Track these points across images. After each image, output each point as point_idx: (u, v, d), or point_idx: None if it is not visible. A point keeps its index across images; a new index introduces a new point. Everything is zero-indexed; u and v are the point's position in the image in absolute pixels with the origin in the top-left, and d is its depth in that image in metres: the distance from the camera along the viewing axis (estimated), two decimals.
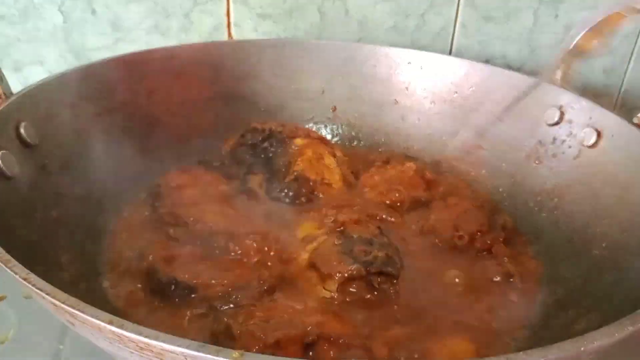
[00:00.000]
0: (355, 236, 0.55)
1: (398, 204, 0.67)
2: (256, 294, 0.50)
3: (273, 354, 0.33)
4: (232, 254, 0.56)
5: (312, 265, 0.53)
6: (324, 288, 0.52)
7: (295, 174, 0.67)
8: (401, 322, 0.49)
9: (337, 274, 0.51)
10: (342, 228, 0.57)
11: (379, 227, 0.58)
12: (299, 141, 0.70)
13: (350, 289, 0.51)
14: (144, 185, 0.67)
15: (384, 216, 0.64)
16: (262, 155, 0.70)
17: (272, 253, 0.56)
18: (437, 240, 0.61)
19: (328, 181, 0.68)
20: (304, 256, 0.55)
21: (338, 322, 0.46)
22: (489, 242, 0.59)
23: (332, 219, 0.60)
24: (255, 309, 0.47)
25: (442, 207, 0.65)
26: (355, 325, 0.48)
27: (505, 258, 0.58)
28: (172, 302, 0.50)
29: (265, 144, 0.70)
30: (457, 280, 0.55)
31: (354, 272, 0.51)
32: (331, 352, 0.43)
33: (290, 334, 0.42)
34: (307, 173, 0.67)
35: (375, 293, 0.51)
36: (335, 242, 0.54)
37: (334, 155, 0.71)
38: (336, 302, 0.51)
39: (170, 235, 0.58)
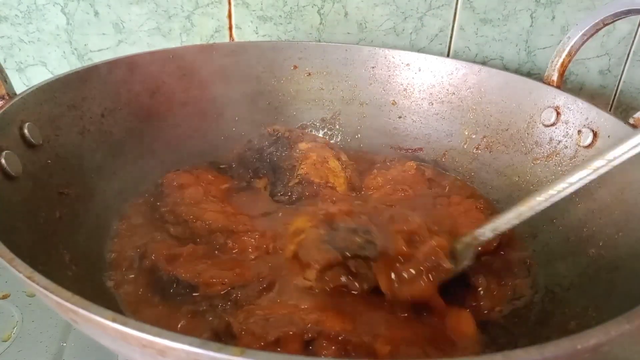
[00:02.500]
0: (341, 226, 0.54)
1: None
2: (256, 292, 0.51)
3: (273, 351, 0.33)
4: (234, 251, 0.56)
5: (295, 256, 0.53)
6: (303, 277, 0.51)
7: (299, 177, 0.67)
8: (400, 320, 0.50)
9: (315, 263, 0.50)
10: (331, 220, 0.56)
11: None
12: (303, 145, 0.70)
13: (327, 278, 0.51)
14: (147, 185, 0.67)
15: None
16: (268, 160, 0.70)
17: (270, 250, 0.57)
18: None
19: (332, 184, 0.68)
20: (291, 247, 0.54)
21: (338, 319, 0.46)
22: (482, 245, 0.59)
23: (324, 212, 0.58)
24: (255, 307, 0.48)
25: (444, 206, 0.65)
26: (355, 322, 0.47)
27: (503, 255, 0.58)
28: (173, 301, 0.51)
29: (272, 149, 0.71)
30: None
31: (331, 258, 0.50)
32: (331, 349, 0.43)
33: (290, 331, 0.43)
34: (311, 176, 0.67)
35: (352, 278, 0.51)
36: (321, 232, 0.54)
37: (339, 159, 0.71)
38: (316, 290, 0.50)
39: (171, 234, 0.59)
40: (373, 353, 0.44)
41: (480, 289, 0.54)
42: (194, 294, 0.51)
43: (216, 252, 0.56)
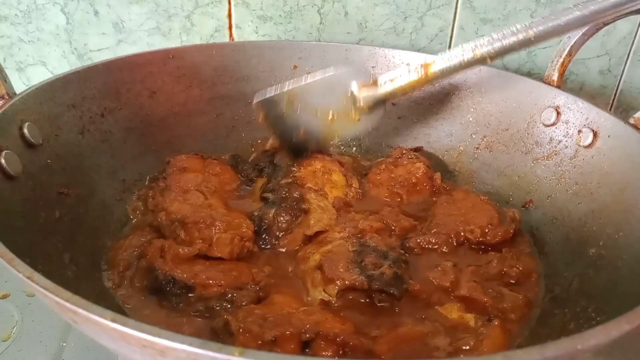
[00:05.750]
0: (371, 245, 0.54)
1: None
2: (252, 293, 0.51)
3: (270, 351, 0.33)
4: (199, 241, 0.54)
5: (319, 267, 0.53)
6: (324, 290, 0.51)
7: (292, 177, 0.65)
8: (402, 320, 0.50)
9: (339, 281, 0.50)
10: (360, 235, 0.56)
11: (401, 242, 0.58)
12: (314, 155, 0.70)
13: (349, 297, 0.51)
14: (146, 185, 0.67)
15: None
16: (275, 162, 0.71)
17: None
18: (446, 236, 0.60)
19: (325, 193, 0.65)
20: (316, 257, 0.54)
21: (337, 321, 0.46)
22: (500, 234, 0.59)
23: (355, 224, 0.59)
24: (255, 306, 0.48)
25: (449, 202, 0.65)
26: (354, 324, 0.48)
27: (511, 255, 0.58)
28: (170, 300, 0.51)
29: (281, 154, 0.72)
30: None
31: (356, 283, 0.50)
32: (329, 350, 0.42)
33: (287, 331, 0.42)
34: (305, 180, 0.65)
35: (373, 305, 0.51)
36: (350, 249, 0.54)
37: (346, 178, 0.70)
38: (335, 305, 0.51)
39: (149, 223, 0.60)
40: (372, 354, 0.44)
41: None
42: (189, 295, 0.50)
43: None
